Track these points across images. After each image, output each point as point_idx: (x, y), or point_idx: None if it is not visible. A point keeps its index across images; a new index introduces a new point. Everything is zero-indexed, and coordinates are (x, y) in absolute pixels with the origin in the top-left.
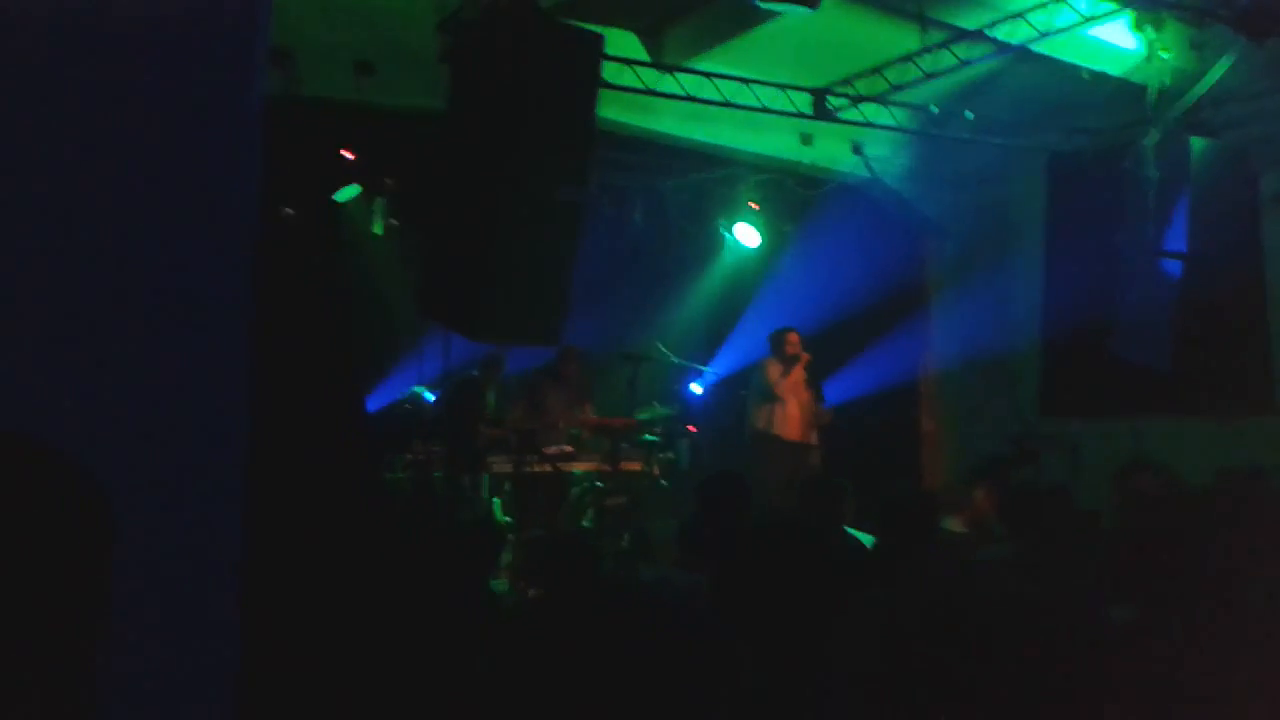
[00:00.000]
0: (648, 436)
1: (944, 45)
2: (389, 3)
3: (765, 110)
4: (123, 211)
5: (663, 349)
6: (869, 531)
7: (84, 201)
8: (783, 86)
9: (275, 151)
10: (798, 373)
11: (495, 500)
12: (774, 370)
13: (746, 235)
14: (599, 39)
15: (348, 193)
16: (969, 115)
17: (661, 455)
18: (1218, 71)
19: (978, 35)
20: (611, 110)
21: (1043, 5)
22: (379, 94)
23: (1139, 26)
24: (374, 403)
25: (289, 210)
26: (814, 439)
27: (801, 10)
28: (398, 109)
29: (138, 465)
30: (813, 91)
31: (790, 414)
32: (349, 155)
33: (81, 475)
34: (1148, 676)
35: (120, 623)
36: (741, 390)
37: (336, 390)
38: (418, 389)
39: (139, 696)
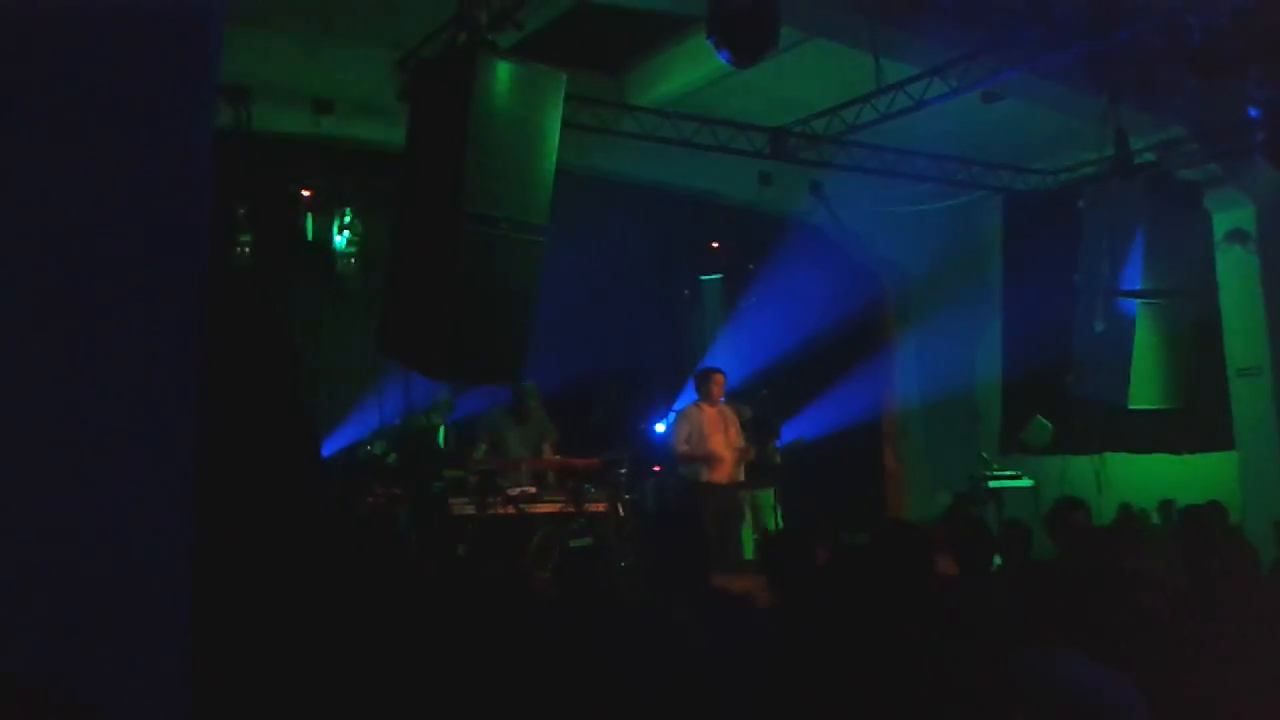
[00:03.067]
0: (612, 477)
1: (900, 86)
2: (348, 40)
3: (724, 150)
4: (73, 237)
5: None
6: None
7: (32, 227)
8: (741, 126)
9: (230, 187)
10: (724, 413)
11: None
12: (695, 414)
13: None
14: (561, 77)
15: (309, 229)
16: (925, 155)
17: (626, 496)
18: (1172, 112)
19: (933, 76)
20: (572, 149)
21: (996, 47)
22: (338, 131)
23: (1092, 67)
24: (334, 444)
25: (244, 248)
26: (741, 476)
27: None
28: (357, 145)
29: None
30: (771, 131)
31: (715, 455)
32: (306, 193)
33: None
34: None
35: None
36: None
37: (290, 432)
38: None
39: None
